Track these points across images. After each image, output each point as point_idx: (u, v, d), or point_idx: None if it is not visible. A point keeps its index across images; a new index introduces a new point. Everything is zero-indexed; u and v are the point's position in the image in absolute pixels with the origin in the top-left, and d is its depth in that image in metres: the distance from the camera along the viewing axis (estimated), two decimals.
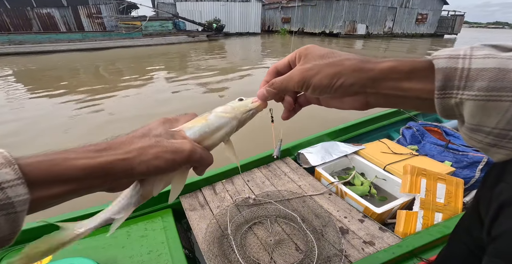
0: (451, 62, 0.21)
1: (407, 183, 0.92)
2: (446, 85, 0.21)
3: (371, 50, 8.89)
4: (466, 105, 0.20)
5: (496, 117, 0.20)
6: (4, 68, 5.56)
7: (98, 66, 5.87)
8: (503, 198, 0.23)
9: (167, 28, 11.42)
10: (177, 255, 0.75)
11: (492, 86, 0.19)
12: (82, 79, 4.65)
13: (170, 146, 0.24)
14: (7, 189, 0.17)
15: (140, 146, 0.23)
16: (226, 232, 0.79)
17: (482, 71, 0.20)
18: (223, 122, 0.29)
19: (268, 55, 7.35)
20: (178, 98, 3.47)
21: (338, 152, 1.19)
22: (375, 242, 0.77)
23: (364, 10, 14.93)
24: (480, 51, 0.21)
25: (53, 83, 4.30)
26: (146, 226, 0.83)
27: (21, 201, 0.18)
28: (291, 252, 0.75)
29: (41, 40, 8.56)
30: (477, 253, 0.31)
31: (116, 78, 4.68)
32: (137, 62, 6.37)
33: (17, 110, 3.06)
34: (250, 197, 0.91)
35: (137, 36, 10.21)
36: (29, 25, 10.91)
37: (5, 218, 0.17)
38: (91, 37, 9.47)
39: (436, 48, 8.62)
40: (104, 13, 11.61)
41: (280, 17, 18.22)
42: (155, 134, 0.25)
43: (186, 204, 0.91)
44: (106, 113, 2.90)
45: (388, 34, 16.82)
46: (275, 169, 1.11)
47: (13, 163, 0.18)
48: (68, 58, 7.09)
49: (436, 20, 18.62)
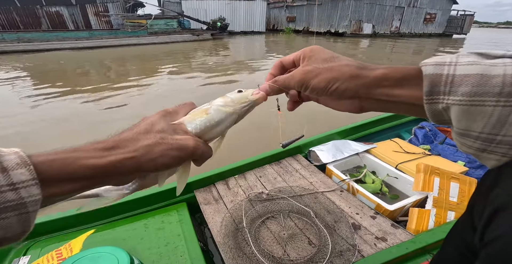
0: (437, 68, 0.22)
1: (420, 182, 0.94)
2: (433, 90, 0.22)
3: (377, 50, 8.79)
4: (452, 110, 0.22)
5: (481, 121, 0.21)
6: (15, 65, 5.76)
7: (105, 64, 6.01)
8: (497, 203, 0.24)
9: (172, 26, 11.60)
10: (193, 247, 0.79)
11: (475, 91, 0.20)
12: (87, 77, 4.78)
13: (175, 143, 0.25)
14: (21, 190, 0.18)
15: (146, 144, 0.24)
16: (240, 225, 0.83)
17: (466, 77, 0.21)
18: (224, 116, 0.30)
19: (271, 55, 7.37)
20: (181, 95, 3.54)
21: (349, 150, 1.21)
22: (387, 238, 0.79)
23: (371, 9, 14.86)
24: (466, 58, 0.22)
25: (57, 79, 4.44)
26: (162, 219, 0.87)
27: (33, 201, 0.19)
28: (304, 246, 0.78)
29: (49, 38, 8.83)
30: (469, 258, 0.32)
31: (122, 75, 4.80)
32: (143, 60, 6.49)
33: (24, 104, 3.18)
34: (264, 192, 0.94)
35: (142, 34, 10.42)
36: (38, 23, 11.24)
37: (17, 218, 0.18)
38: (97, 35, 9.70)
39: (444, 49, 8.42)
40: (111, 11, 11.86)
41: (285, 16, 18.28)
42: (158, 130, 0.26)
43: (200, 198, 0.95)
44: (112, 110, 2.98)
45: (394, 33, 16.70)
46: (286, 166, 1.14)
47: (28, 163, 0.19)
48: (73, 56, 7.26)
49: (445, 19, 18.44)
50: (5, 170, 0.18)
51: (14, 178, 0.18)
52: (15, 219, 0.18)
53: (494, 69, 0.20)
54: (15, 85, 4.08)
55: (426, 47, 10.98)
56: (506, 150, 0.21)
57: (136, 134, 0.25)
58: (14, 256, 0.76)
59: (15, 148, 0.20)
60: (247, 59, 6.65)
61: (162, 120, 0.27)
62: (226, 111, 0.30)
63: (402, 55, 8.24)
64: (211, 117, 0.29)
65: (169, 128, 0.27)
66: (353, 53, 7.91)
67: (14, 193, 0.18)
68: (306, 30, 17.02)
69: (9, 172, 0.18)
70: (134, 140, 0.24)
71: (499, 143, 0.21)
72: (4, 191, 0.17)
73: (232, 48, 9.34)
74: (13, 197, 0.18)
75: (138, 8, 14.16)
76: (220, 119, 0.29)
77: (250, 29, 16.09)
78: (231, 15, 14.86)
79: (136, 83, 4.16)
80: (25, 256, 0.74)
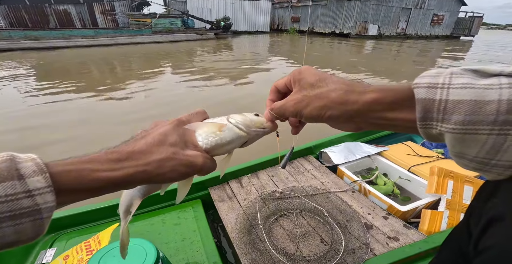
0: (429, 92, 0.22)
1: (434, 184, 0.97)
2: (426, 116, 0.22)
3: (382, 52, 8.76)
4: (446, 136, 0.22)
5: (475, 148, 0.21)
6: (23, 62, 5.99)
7: (111, 62, 6.20)
8: (493, 213, 0.24)
9: (176, 25, 11.87)
10: (208, 243, 0.84)
11: (468, 120, 0.20)
12: (89, 74, 4.93)
13: (185, 159, 0.27)
14: (36, 197, 0.19)
15: (159, 159, 0.25)
16: (254, 222, 0.88)
17: (459, 104, 0.20)
18: (236, 137, 0.31)
19: (276, 55, 7.44)
20: (186, 95, 3.63)
21: (361, 152, 1.25)
22: (399, 238, 0.82)
23: (377, 10, 14.99)
24: (459, 79, 0.21)
25: (62, 75, 4.61)
26: (179, 215, 0.92)
27: (47, 208, 0.20)
28: (316, 243, 0.82)
29: (56, 36, 9.11)
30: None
31: (130, 73, 4.94)
32: (148, 58, 6.65)
33: (33, 98, 3.32)
34: (277, 190, 0.99)
35: (147, 33, 10.68)
36: (46, 21, 11.62)
37: (32, 223, 0.19)
38: (103, 33, 9.99)
39: (448, 53, 8.28)
40: (117, 10, 12.19)
41: (290, 16, 18.55)
42: (171, 143, 0.27)
43: (215, 196, 1.00)
44: (116, 110, 3.08)
45: (400, 35, 16.77)
46: (298, 166, 1.19)
47: (44, 171, 0.20)
48: (79, 53, 7.50)
49: (452, 21, 18.46)
50: (22, 178, 0.19)
51: (31, 185, 0.19)
52: (29, 224, 0.19)
53: (488, 93, 0.20)
54: (20, 81, 4.25)
55: (433, 49, 10.92)
56: (501, 170, 0.21)
57: (149, 146, 0.26)
58: (40, 248, 0.82)
59: (32, 154, 0.21)
60: (251, 59, 6.75)
61: (175, 131, 0.28)
62: (240, 133, 0.31)
63: (408, 56, 8.20)
64: (224, 136, 0.30)
65: (181, 141, 0.28)
66: (357, 55, 7.93)
67: (29, 200, 0.19)
68: (311, 30, 17.25)
69: (25, 179, 0.19)
70: (147, 153, 0.25)
71: (494, 166, 0.21)
72: (20, 198, 0.18)
73: (236, 48, 9.48)
74: (29, 204, 0.19)
75: (144, 7, 14.50)
76: (232, 139, 0.31)
77: (254, 29, 16.37)
78: (236, 15, 15.12)
79: (140, 81, 4.29)
80: (51, 249, 0.80)
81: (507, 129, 0.19)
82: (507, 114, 0.19)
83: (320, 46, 10.40)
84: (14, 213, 0.18)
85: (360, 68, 5.69)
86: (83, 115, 2.88)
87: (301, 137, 1.20)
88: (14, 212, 0.18)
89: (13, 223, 0.18)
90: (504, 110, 0.19)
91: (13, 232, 0.19)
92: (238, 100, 3.37)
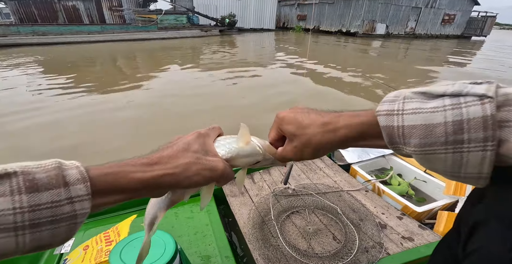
0: (388, 120, 0.25)
1: (452, 186, 0.96)
2: (392, 141, 0.26)
3: (388, 55, 8.56)
4: (413, 156, 0.25)
5: (440, 164, 0.24)
6: (30, 57, 6.21)
7: (116, 58, 6.34)
8: (480, 217, 0.26)
9: (181, 22, 12.10)
10: (220, 237, 0.87)
11: (423, 143, 0.23)
12: (92, 70, 5.06)
13: (208, 164, 0.30)
14: (76, 203, 0.21)
15: (185, 162, 0.28)
16: (266, 218, 0.90)
17: (413, 129, 0.23)
18: (254, 153, 0.36)
19: (280, 54, 7.42)
20: (188, 92, 3.68)
21: (375, 151, 1.25)
22: (414, 238, 0.83)
23: (385, 9, 14.88)
24: (410, 104, 0.24)
25: (67, 70, 4.74)
26: (191, 209, 0.96)
27: (82, 214, 0.22)
28: (329, 241, 0.84)
29: (63, 32, 9.40)
30: None
31: (136, 70, 5.04)
32: (152, 54, 6.77)
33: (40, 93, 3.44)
34: (290, 187, 1.01)
35: (152, 29, 10.94)
36: (55, 17, 11.96)
37: (67, 227, 0.21)
38: (109, 29, 10.25)
39: (457, 57, 8.03)
40: (124, 6, 12.44)
41: (296, 14, 18.66)
42: (194, 150, 0.30)
43: (227, 191, 1.03)
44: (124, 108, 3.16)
45: (409, 34, 16.60)
46: (310, 164, 1.20)
47: (86, 180, 0.22)
48: (86, 49, 7.68)
49: (464, 21, 18.30)
50: (67, 185, 0.21)
51: (73, 193, 0.21)
52: (64, 229, 0.21)
53: (435, 117, 0.22)
54: (28, 75, 4.41)
55: (442, 50, 10.68)
56: (474, 181, 0.24)
57: (176, 152, 0.29)
58: None
59: (76, 162, 0.23)
60: (256, 55, 6.78)
61: (197, 141, 0.32)
62: (258, 150, 0.36)
63: (416, 57, 8.03)
64: (246, 149, 0.35)
65: (202, 149, 0.32)
66: (362, 56, 7.83)
67: (70, 206, 0.21)
68: (317, 29, 17.28)
69: (70, 187, 0.21)
70: (174, 157, 0.28)
71: (465, 177, 0.23)
72: (63, 204, 0.21)
73: (241, 45, 9.51)
74: (68, 210, 0.21)
75: (150, 3, 14.73)
76: (251, 153, 0.35)
77: (260, 27, 16.48)
78: (241, 12, 15.25)
79: (144, 77, 4.37)
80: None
81: (459, 147, 0.22)
82: (455, 135, 0.21)
83: (326, 45, 10.34)
84: (55, 218, 0.20)
85: (360, 67, 5.61)
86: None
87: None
88: (55, 217, 0.20)
89: (52, 227, 0.20)
90: (451, 131, 0.21)
91: (50, 235, 0.21)
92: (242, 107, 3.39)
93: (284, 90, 3.66)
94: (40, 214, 0.20)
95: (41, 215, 0.20)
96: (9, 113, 2.79)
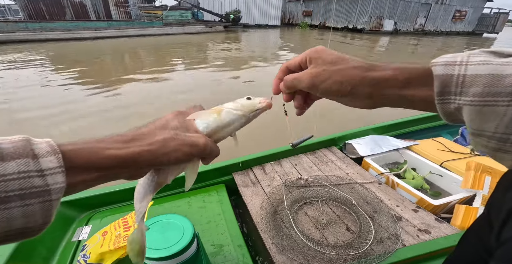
0: (447, 69, 0.23)
1: (470, 179, 0.95)
2: (444, 91, 0.23)
3: (397, 51, 8.41)
4: (465, 110, 0.22)
5: (494, 121, 0.21)
6: (39, 52, 6.33)
7: (123, 53, 6.40)
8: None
9: (186, 17, 12.17)
10: (232, 226, 0.87)
11: (486, 92, 0.21)
12: (96, 65, 5.11)
13: (187, 139, 0.28)
14: (47, 176, 0.19)
15: (162, 138, 0.26)
16: (278, 208, 0.90)
17: (477, 77, 0.21)
18: (233, 119, 0.34)
19: (284, 51, 7.37)
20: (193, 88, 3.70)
21: (388, 145, 1.24)
22: (431, 231, 0.82)
23: (394, 5, 14.67)
24: (477, 57, 0.23)
25: (73, 64, 4.81)
26: (204, 198, 0.96)
27: (57, 189, 0.20)
28: (342, 231, 0.83)
29: (70, 28, 9.55)
30: (485, 258, 0.33)
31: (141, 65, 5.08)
32: (157, 50, 6.81)
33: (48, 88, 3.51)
34: (302, 178, 1.01)
35: (157, 25, 11.02)
36: (63, 13, 12.13)
37: (41, 205, 0.19)
38: (115, 25, 10.38)
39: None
40: (130, 2, 12.53)
41: (301, 10, 18.57)
42: (172, 127, 0.29)
43: (239, 181, 1.04)
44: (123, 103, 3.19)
45: (418, 31, 16.32)
46: (321, 156, 1.20)
47: (57, 152, 0.20)
48: (92, 45, 7.79)
49: (476, 17, 17.97)
50: (36, 157, 0.19)
51: (43, 165, 0.19)
52: (38, 206, 0.19)
53: (506, 68, 0.21)
54: (38, 69, 4.49)
55: (453, 46, 10.43)
56: None
57: (153, 130, 0.28)
58: (77, 225, 0.89)
59: (47, 139, 0.21)
60: (260, 52, 6.75)
61: (176, 118, 0.31)
62: (236, 114, 0.34)
63: (429, 49, 7.83)
64: (222, 119, 0.33)
65: (182, 126, 0.30)
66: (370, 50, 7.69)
67: (41, 179, 0.19)
68: (323, 25, 17.09)
69: (39, 159, 0.19)
70: (151, 134, 0.27)
71: None
72: (33, 176, 0.19)
73: (245, 41, 9.50)
74: (40, 183, 0.19)
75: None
76: (230, 121, 0.34)
77: (265, 23, 16.43)
78: (247, 8, 15.23)
79: (147, 73, 4.40)
80: (87, 226, 0.87)
81: None
82: None
83: (332, 41, 10.25)
84: (24, 192, 0.18)
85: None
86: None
87: (324, 129, 1.23)
88: (25, 191, 0.18)
89: (22, 203, 0.18)
90: None
91: (21, 214, 0.18)
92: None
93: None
94: (6, 186, 0.18)
95: (7, 188, 0.18)
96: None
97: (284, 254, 0.74)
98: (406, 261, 0.71)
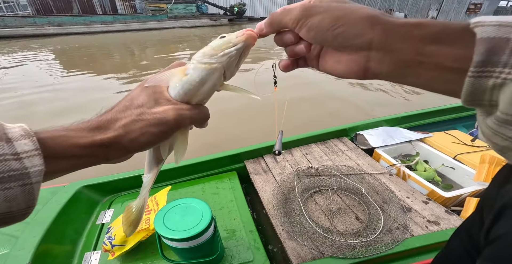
0: (501, 31, 0.16)
1: (483, 172, 0.94)
2: (489, 60, 0.16)
3: None
4: (508, 89, 0.16)
5: None
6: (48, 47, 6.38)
7: (129, 48, 6.38)
8: (506, 199, 0.23)
9: (191, 11, 12.04)
10: (244, 213, 0.91)
11: None
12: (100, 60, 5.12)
13: (152, 118, 0.24)
14: (24, 159, 0.19)
15: (123, 124, 0.24)
16: (289, 196, 0.93)
17: None
18: (205, 73, 0.26)
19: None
20: None
21: (401, 137, 1.22)
22: (440, 222, 0.83)
23: None
24: None
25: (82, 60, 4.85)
26: (217, 185, 1.00)
27: (36, 172, 0.19)
28: (351, 220, 0.85)
29: (77, 22, 9.60)
30: (472, 255, 0.31)
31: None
32: (164, 44, 6.71)
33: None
34: (313, 167, 1.02)
35: (162, 18, 10.95)
36: (70, 8, 12.09)
37: (21, 189, 0.19)
38: (121, 19, 10.38)
39: None
40: None
41: None
42: (137, 105, 0.25)
43: (251, 168, 1.06)
44: None
45: None
46: (332, 146, 1.20)
47: (31, 135, 0.20)
48: (98, 39, 7.81)
49: (491, 10, 16.73)
50: (10, 141, 0.19)
51: (18, 148, 0.19)
52: (19, 190, 0.19)
53: None
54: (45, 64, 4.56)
55: None
56: None
57: (115, 113, 0.25)
58: (100, 209, 0.94)
59: (20, 123, 0.21)
60: (265, 45, 6.58)
61: (143, 92, 0.26)
62: (206, 67, 0.26)
63: None
64: (191, 78, 0.26)
65: (150, 100, 0.26)
66: None
67: (18, 163, 0.19)
68: None
69: (13, 142, 0.19)
70: (113, 120, 0.24)
71: None
72: (8, 159, 0.18)
73: None
74: (17, 166, 0.19)
75: None
76: (202, 77, 0.26)
77: None
78: (251, 1, 14.81)
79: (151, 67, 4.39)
80: (109, 209, 0.92)
81: None
82: None
83: None
84: (2, 175, 0.18)
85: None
86: None
87: (336, 119, 1.22)
88: (2, 174, 0.18)
89: (2, 187, 0.18)
90: None
91: (3, 199, 0.18)
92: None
93: (291, 84, 3.54)
94: None
95: None
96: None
97: (294, 240, 0.77)
98: (414, 250, 0.73)
